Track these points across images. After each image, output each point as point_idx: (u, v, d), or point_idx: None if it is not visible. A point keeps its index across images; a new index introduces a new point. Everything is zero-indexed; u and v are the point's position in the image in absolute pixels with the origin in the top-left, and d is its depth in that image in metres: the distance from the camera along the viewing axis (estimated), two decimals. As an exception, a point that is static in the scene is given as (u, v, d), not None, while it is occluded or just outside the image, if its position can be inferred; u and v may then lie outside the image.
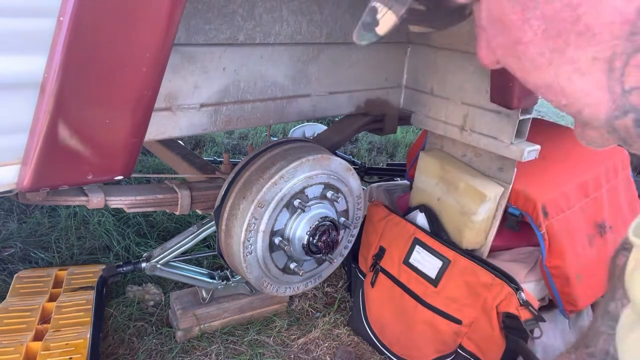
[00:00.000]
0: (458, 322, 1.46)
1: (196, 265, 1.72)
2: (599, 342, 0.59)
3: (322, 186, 1.36)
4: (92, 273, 1.82)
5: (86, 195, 1.18)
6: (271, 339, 1.72)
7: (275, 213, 1.29)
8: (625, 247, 0.45)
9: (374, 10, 0.39)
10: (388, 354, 1.67)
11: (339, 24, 1.42)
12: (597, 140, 0.37)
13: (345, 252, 1.58)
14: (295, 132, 3.04)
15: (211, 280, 1.68)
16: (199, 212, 1.46)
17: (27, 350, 1.40)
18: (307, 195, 1.33)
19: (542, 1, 0.31)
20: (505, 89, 1.29)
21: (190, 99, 1.19)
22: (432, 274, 1.52)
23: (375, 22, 0.40)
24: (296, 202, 1.31)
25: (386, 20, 0.39)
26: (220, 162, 2.41)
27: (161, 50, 0.83)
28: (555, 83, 0.34)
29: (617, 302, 0.58)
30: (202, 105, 1.22)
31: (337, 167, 1.38)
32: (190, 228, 1.59)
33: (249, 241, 1.27)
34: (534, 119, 1.44)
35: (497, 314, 1.39)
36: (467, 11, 0.39)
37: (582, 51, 0.31)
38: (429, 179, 1.66)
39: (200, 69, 1.18)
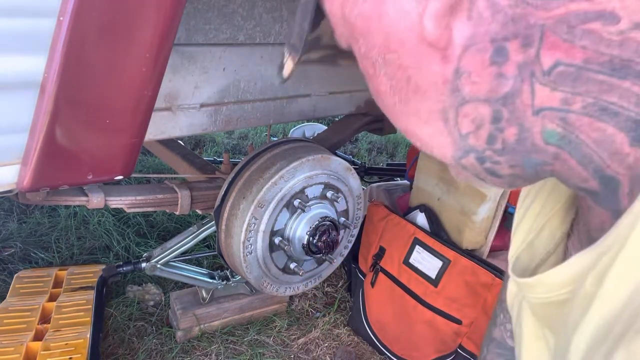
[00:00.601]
0: (458, 322, 1.46)
1: (196, 265, 1.72)
2: None
3: (322, 186, 1.36)
4: (92, 273, 1.82)
5: (86, 195, 1.18)
6: (271, 339, 1.72)
7: (275, 213, 1.29)
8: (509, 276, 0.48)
9: (282, 55, 0.44)
10: (388, 354, 1.67)
11: (339, 24, 1.41)
12: (459, 176, 0.40)
13: (345, 252, 1.58)
14: (295, 132, 3.04)
15: (211, 280, 1.68)
16: (199, 212, 1.46)
17: (27, 350, 1.40)
18: (307, 195, 1.33)
19: (383, 62, 0.35)
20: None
21: (190, 99, 1.19)
22: (432, 274, 1.52)
23: (282, 66, 0.44)
24: (296, 202, 1.31)
25: (288, 64, 0.43)
26: (220, 162, 2.41)
27: (161, 50, 0.83)
28: (409, 129, 0.38)
29: (500, 328, 0.62)
30: (202, 105, 1.22)
31: (337, 167, 1.38)
32: (190, 228, 1.59)
33: (249, 241, 1.27)
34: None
35: (497, 314, 1.39)
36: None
37: (420, 105, 0.35)
38: (429, 179, 1.66)
39: (200, 69, 1.18)
